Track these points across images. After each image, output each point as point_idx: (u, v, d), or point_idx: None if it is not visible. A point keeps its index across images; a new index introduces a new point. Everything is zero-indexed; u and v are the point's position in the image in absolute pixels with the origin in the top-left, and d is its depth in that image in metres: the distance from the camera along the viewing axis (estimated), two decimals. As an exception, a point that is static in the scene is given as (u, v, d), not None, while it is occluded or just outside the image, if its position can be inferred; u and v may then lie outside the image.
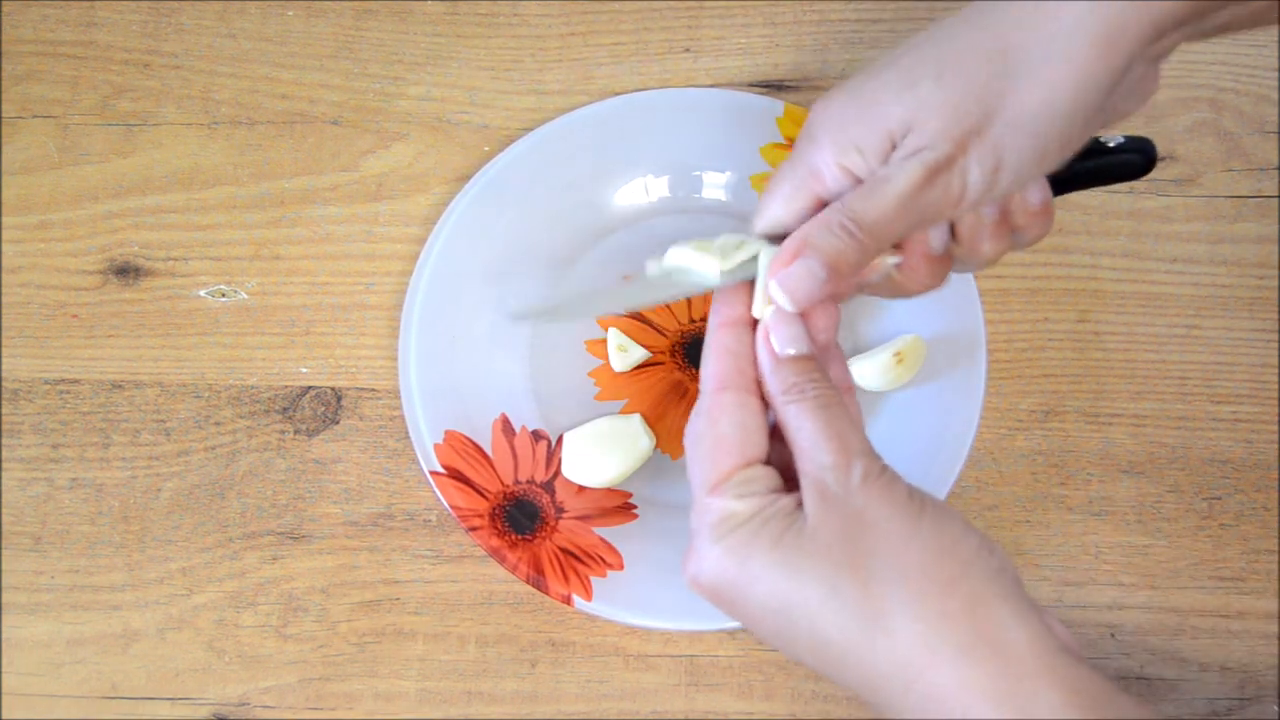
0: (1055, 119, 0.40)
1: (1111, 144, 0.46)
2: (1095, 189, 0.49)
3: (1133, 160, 0.47)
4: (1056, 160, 0.41)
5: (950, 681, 0.37)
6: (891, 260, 0.44)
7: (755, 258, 0.43)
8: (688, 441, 0.42)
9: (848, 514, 0.39)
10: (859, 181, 0.42)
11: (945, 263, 0.45)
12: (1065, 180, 0.46)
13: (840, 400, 0.42)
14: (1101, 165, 0.47)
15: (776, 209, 0.43)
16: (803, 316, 0.42)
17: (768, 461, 0.42)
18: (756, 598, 0.39)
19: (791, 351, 0.42)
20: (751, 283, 0.43)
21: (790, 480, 0.41)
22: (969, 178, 0.41)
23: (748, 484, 0.41)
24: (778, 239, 0.43)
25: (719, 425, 0.41)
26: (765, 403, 0.42)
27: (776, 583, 0.39)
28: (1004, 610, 0.38)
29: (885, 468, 0.40)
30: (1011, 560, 0.40)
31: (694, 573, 0.41)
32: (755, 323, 0.43)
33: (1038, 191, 0.44)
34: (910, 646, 0.38)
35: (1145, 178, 0.50)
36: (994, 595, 0.38)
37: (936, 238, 0.44)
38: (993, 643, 0.37)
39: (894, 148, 0.41)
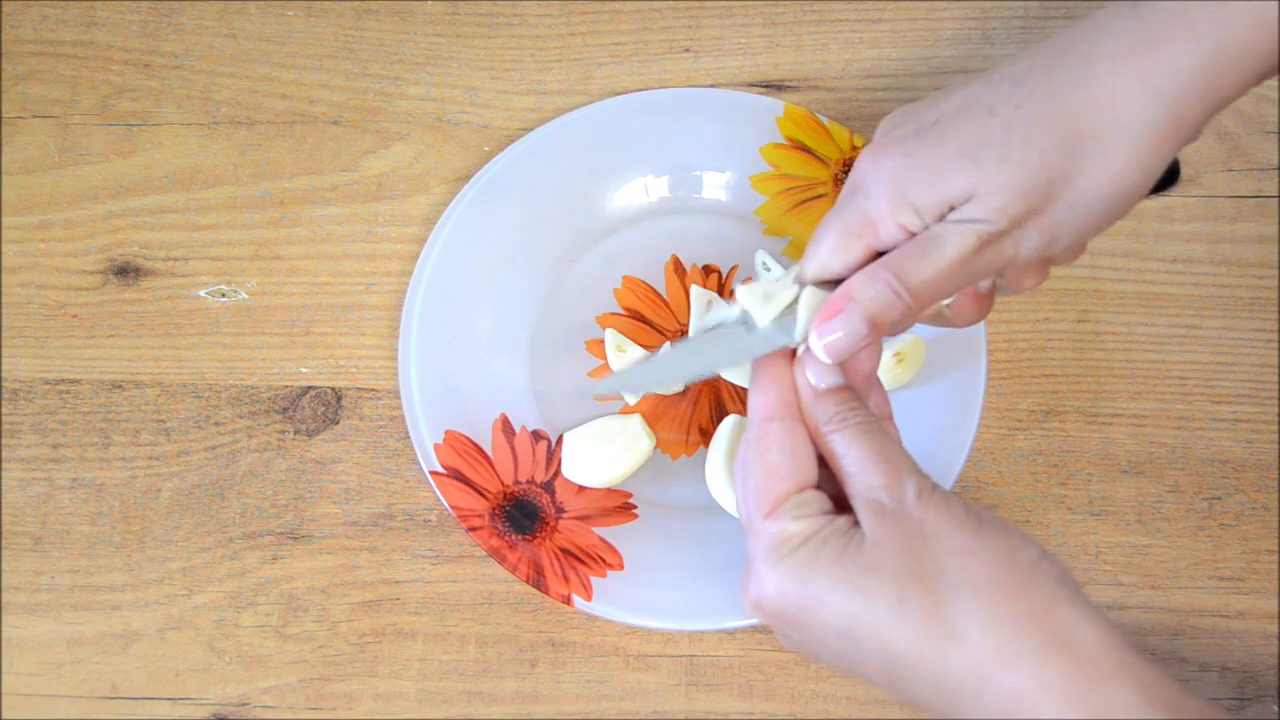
0: (1115, 199, 0.41)
1: None
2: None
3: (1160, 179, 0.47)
4: (1105, 228, 0.42)
5: (1025, 682, 0.37)
6: (944, 301, 0.45)
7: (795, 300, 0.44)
8: (738, 472, 0.43)
9: (908, 528, 0.40)
10: (912, 235, 0.42)
11: (990, 297, 0.46)
12: None
13: (882, 426, 0.43)
14: None
15: (827, 257, 0.43)
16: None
17: (818, 487, 0.43)
18: (822, 619, 0.40)
19: (827, 385, 0.43)
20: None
21: (841, 506, 0.42)
22: (1022, 247, 0.42)
23: (802, 507, 0.41)
24: (825, 284, 0.44)
25: (769, 453, 0.42)
26: (808, 434, 0.43)
27: (842, 602, 0.39)
28: (1072, 612, 0.38)
29: (937, 485, 0.41)
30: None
31: (755, 597, 0.41)
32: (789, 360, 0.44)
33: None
34: (983, 651, 0.38)
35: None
36: (1061, 599, 0.39)
37: (985, 281, 0.45)
38: (1066, 644, 0.38)
39: (951, 209, 0.42)
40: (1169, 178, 0.47)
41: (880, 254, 0.43)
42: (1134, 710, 0.37)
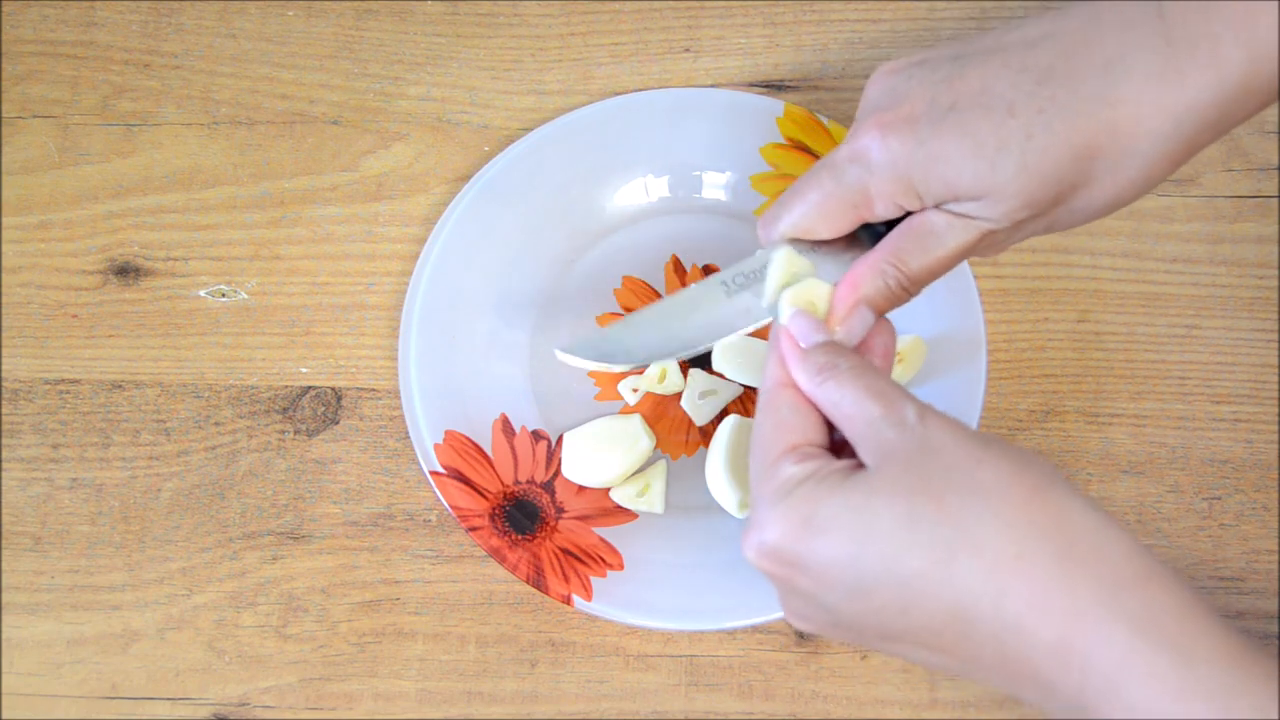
0: (1113, 208, 0.42)
1: None
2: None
3: None
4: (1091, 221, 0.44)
5: (1048, 588, 0.36)
6: None
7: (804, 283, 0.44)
8: (754, 436, 0.42)
9: (911, 447, 0.38)
10: (908, 214, 0.43)
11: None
12: None
13: (874, 366, 0.42)
14: None
15: (814, 221, 0.44)
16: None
17: (830, 447, 0.42)
18: (825, 551, 0.38)
19: (811, 342, 0.43)
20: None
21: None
22: (1015, 238, 0.43)
23: (805, 454, 0.40)
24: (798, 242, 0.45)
25: (780, 412, 0.42)
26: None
27: (847, 526, 0.38)
28: (1092, 519, 0.37)
29: (938, 410, 0.40)
30: None
31: (755, 541, 0.39)
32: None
33: None
34: (1000, 557, 0.36)
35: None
36: (1076, 508, 0.37)
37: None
38: (1091, 550, 0.36)
39: (954, 198, 0.42)
40: None
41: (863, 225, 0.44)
42: (1166, 612, 0.35)
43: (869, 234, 0.45)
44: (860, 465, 0.39)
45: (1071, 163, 0.40)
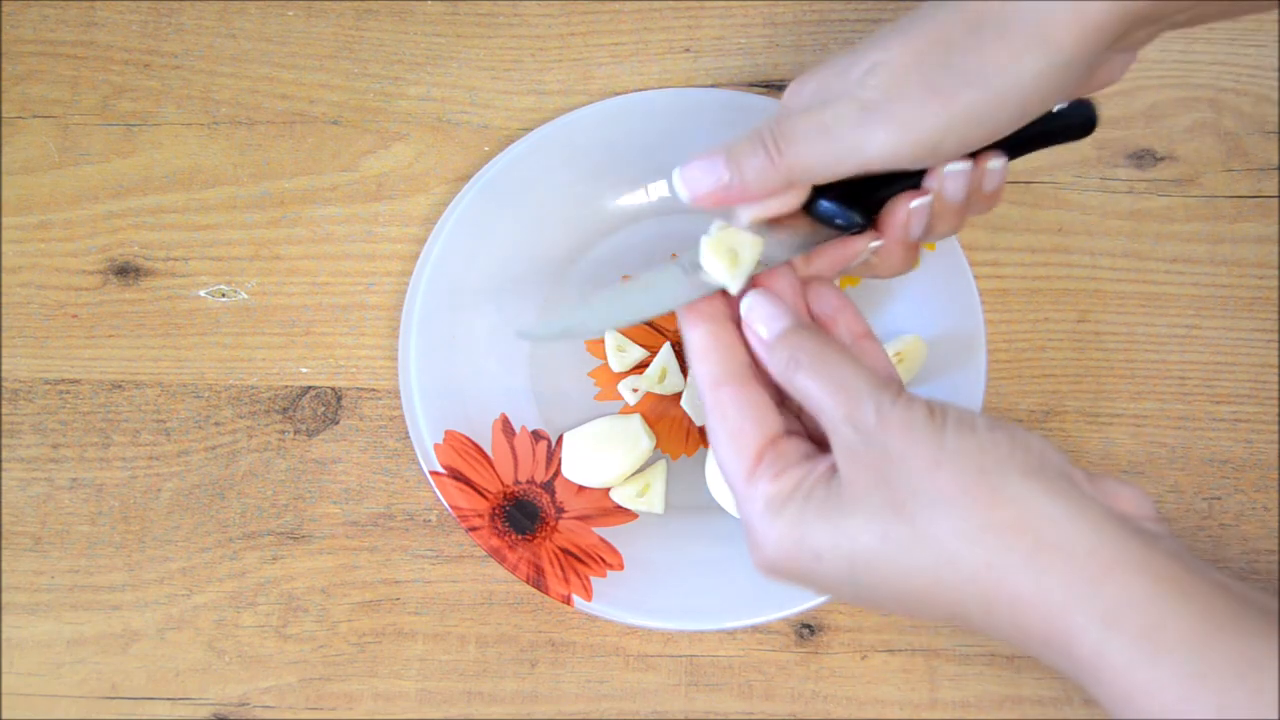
0: (1020, 81, 0.40)
1: (1055, 109, 0.45)
2: (1090, 185, 0.49)
3: (1073, 123, 0.46)
4: (1014, 123, 0.41)
5: (1026, 592, 0.37)
6: (872, 245, 0.45)
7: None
8: (711, 444, 0.43)
9: (873, 458, 0.39)
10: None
11: (916, 248, 0.46)
12: (1013, 145, 0.45)
13: (836, 353, 0.41)
14: (1047, 130, 0.46)
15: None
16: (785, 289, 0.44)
17: (792, 434, 0.42)
18: (825, 569, 0.40)
19: (776, 329, 0.42)
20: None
21: (823, 443, 0.42)
22: (908, 126, 0.41)
23: (778, 461, 0.41)
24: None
25: (729, 419, 0.42)
26: (764, 384, 0.43)
27: (837, 549, 0.39)
28: (1056, 507, 0.37)
29: (900, 395, 0.40)
30: (1052, 444, 0.39)
31: (762, 560, 0.41)
32: (734, 315, 0.44)
33: (998, 177, 0.44)
34: (976, 569, 0.37)
35: (1145, 178, 0.50)
36: (1040, 495, 0.37)
37: (915, 226, 0.44)
38: (1055, 546, 0.36)
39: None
40: (1086, 123, 0.46)
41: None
42: (1133, 604, 0.36)
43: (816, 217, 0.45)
44: (834, 467, 0.40)
45: (957, 22, 0.40)
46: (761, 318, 0.43)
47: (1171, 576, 0.36)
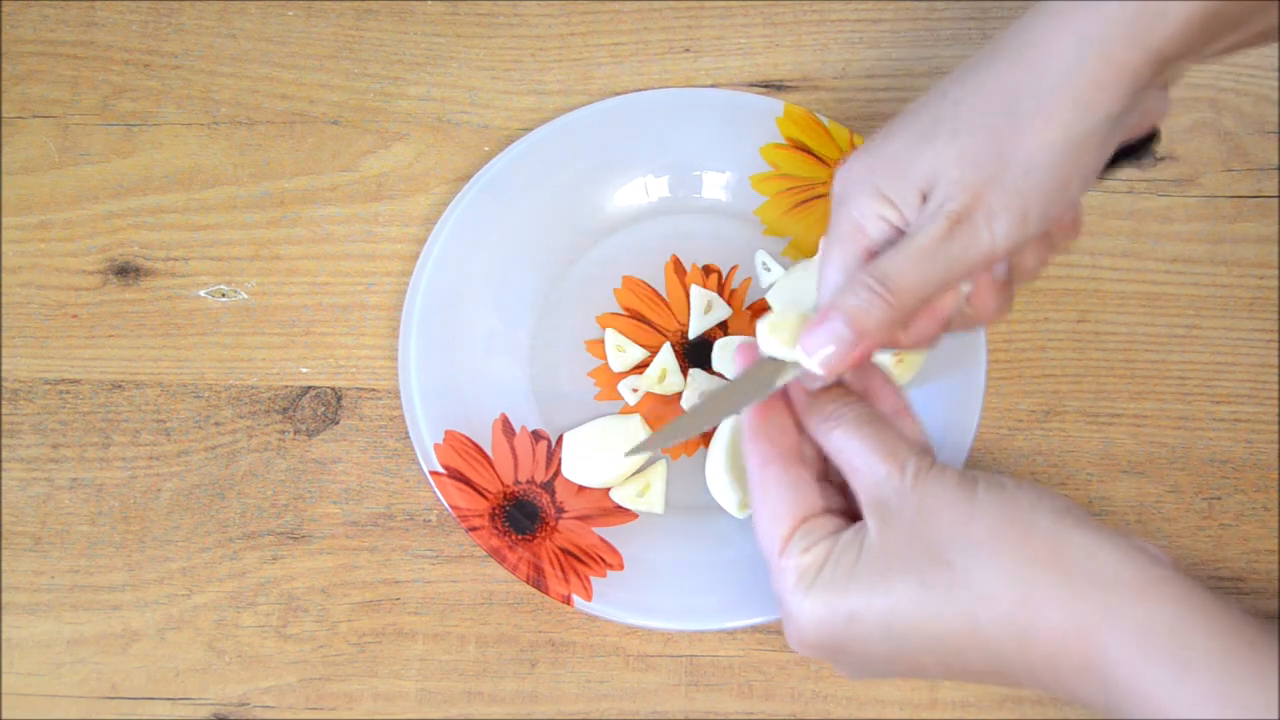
0: (1069, 150, 0.40)
1: None
2: (1094, 192, 0.49)
3: (1139, 141, 0.46)
4: (1080, 191, 0.42)
5: (1061, 620, 0.38)
6: (965, 288, 0.44)
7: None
8: (754, 524, 0.44)
9: (908, 516, 0.41)
10: (900, 232, 0.43)
11: (1008, 287, 0.45)
12: None
13: (878, 416, 0.43)
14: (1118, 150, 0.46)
15: (835, 276, 0.43)
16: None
17: (829, 512, 0.44)
18: (861, 632, 0.41)
19: (818, 385, 0.44)
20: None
21: (853, 518, 0.43)
22: (996, 227, 0.41)
23: (808, 536, 0.42)
24: None
25: (769, 498, 0.44)
26: (807, 467, 0.45)
27: (872, 607, 0.40)
28: (1083, 538, 0.39)
29: (933, 462, 0.42)
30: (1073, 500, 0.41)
31: (798, 635, 0.42)
32: (785, 397, 0.45)
33: (1071, 214, 0.45)
34: (1011, 602, 0.39)
35: (1145, 178, 0.49)
36: (1069, 527, 0.40)
37: (998, 267, 0.44)
38: (1087, 574, 0.38)
39: (924, 199, 0.42)
40: (1146, 141, 0.46)
41: None
42: (1162, 624, 0.37)
43: None
44: (860, 522, 0.42)
45: (998, 111, 0.41)
46: (811, 375, 0.43)
47: (1194, 600, 0.38)
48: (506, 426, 0.56)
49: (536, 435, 0.56)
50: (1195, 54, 0.41)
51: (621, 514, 0.55)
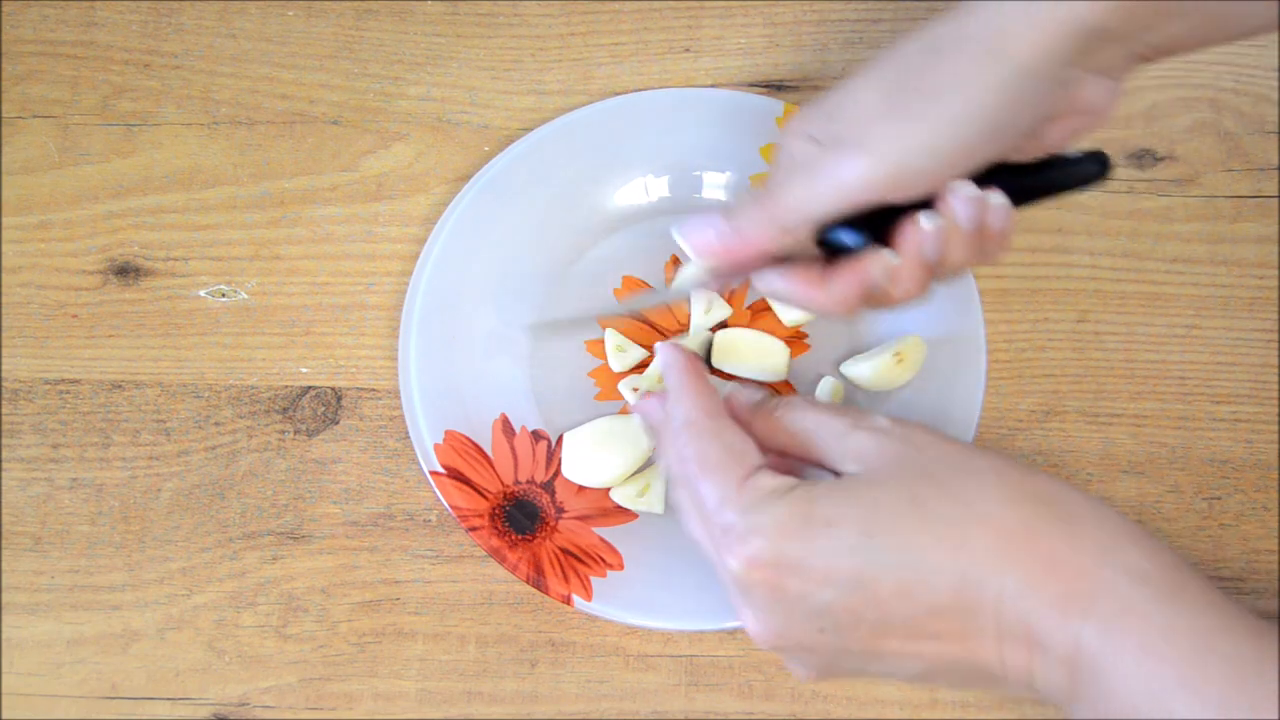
0: (972, 100, 0.41)
1: (1071, 157, 0.46)
2: (1094, 192, 0.49)
3: (1090, 170, 0.46)
4: (980, 149, 0.42)
5: (1055, 549, 0.38)
6: (891, 262, 0.44)
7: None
8: (686, 469, 0.43)
9: (898, 445, 0.41)
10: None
11: (931, 272, 0.45)
12: (1027, 191, 0.46)
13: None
14: (1058, 177, 0.46)
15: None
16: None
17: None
18: (829, 544, 0.39)
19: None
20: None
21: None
22: (872, 152, 0.42)
23: (771, 475, 0.41)
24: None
25: (724, 437, 0.43)
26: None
27: (853, 516, 0.39)
28: (1082, 495, 0.40)
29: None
30: None
31: (744, 553, 0.39)
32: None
33: (1002, 214, 0.45)
34: (1007, 527, 0.38)
35: (1145, 178, 0.49)
36: (1069, 487, 0.40)
37: (928, 244, 0.44)
38: (1087, 520, 0.39)
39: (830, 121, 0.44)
40: (1099, 170, 0.46)
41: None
42: (1163, 565, 0.38)
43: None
44: (825, 473, 0.42)
45: (918, 48, 0.42)
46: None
47: (1189, 565, 0.38)
48: (506, 426, 0.56)
49: (536, 435, 0.56)
50: (1133, 38, 0.42)
51: (621, 514, 0.55)
